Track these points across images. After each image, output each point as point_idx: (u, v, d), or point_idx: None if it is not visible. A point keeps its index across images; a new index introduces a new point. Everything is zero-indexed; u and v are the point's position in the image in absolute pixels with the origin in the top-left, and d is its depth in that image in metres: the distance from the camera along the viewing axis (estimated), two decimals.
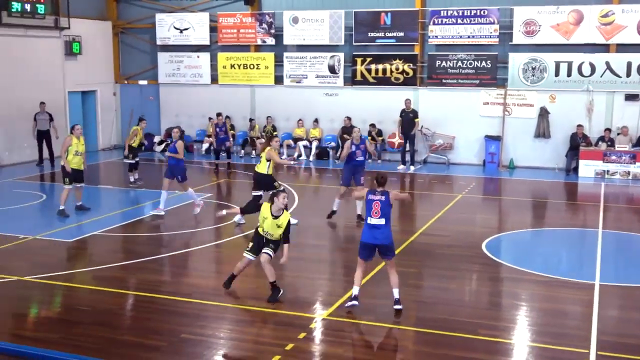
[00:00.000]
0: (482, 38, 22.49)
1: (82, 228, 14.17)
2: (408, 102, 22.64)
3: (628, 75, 21.22)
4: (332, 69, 24.31)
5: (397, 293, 9.55)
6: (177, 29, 26.07)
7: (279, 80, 25.08)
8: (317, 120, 24.64)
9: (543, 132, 22.16)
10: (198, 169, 23.02)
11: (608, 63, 21.36)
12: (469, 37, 22.59)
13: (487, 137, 22.66)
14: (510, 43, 22.27)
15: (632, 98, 21.38)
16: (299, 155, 23.98)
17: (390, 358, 8.43)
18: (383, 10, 23.39)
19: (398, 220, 15.32)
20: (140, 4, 26.85)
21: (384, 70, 23.64)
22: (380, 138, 23.65)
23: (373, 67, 23.76)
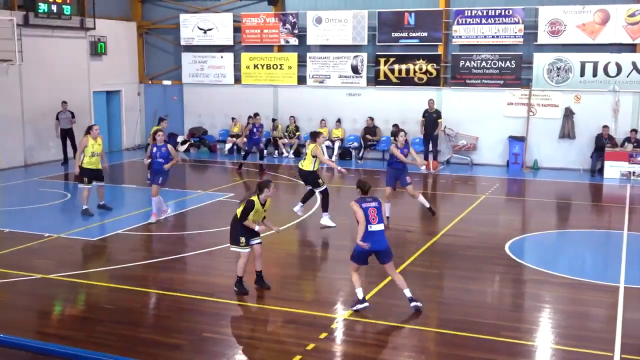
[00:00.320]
0: (506, 38, 22.34)
1: (105, 227, 14.29)
2: (431, 102, 22.57)
3: None
4: (355, 69, 24.28)
5: (409, 292, 9.54)
6: (201, 30, 26.21)
7: (302, 81, 25.12)
8: (339, 121, 24.63)
9: (568, 132, 21.95)
10: (221, 169, 23.12)
11: (635, 63, 21.10)
12: (494, 37, 22.44)
13: (511, 137, 22.49)
14: (535, 43, 22.09)
15: None
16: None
17: (412, 359, 8.39)
18: (407, 10, 23.32)
19: (420, 221, 15.27)
20: (165, 5, 27.05)
21: (407, 71, 23.56)
22: None
23: (396, 67, 23.69)
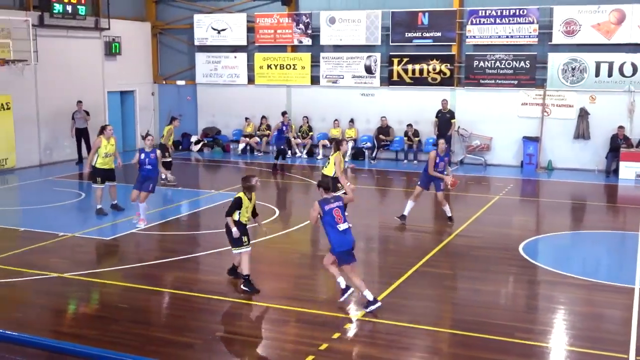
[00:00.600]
0: (521, 38, 22.23)
1: (118, 226, 14.33)
2: (445, 102, 22.52)
3: None
4: (368, 69, 24.25)
5: (370, 294, 9.55)
6: (214, 30, 26.26)
7: (315, 81, 25.12)
8: (352, 121, 24.60)
9: (582, 133, 21.82)
10: (234, 169, 23.15)
11: None
12: (508, 37, 22.33)
13: (525, 138, 22.38)
14: (550, 43, 21.97)
15: None
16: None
17: None
18: (420, 10, 23.25)
19: (434, 222, 15.22)
20: (179, 5, 27.13)
21: (421, 71, 23.50)
22: (417, 139, 23.51)
23: (410, 67, 23.64)
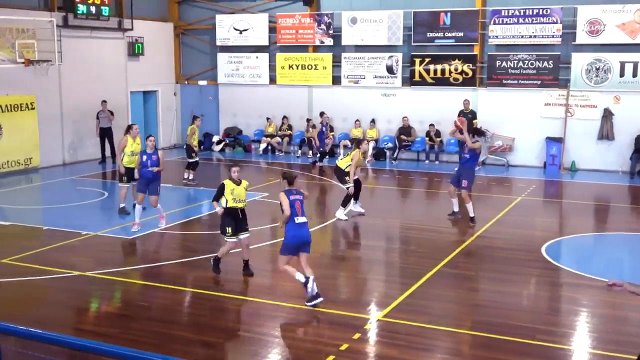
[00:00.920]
0: (544, 38, 22.06)
1: (141, 225, 14.41)
2: (466, 102, 22.42)
3: None
4: (390, 70, 24.20)
5: (315, 285, 9.72)
6: (236, 30, 26.36)
7: (337, 81, 25.12)
8: (374, 121, 24.57)
9: (607, 134, 21.60)
10: (255, 169, 23.22)
11: None
12: (531, 36, 22.18)
13: (548, 138, 22.21)
14: (574, 43, 21.77)
15: None
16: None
17: None
18: (442, 10, 23.16)
19: (456, 223, 15.14)
20: (201, 6, 27.27)
21: (443, 71, 23.41)
22: (439, 139, 23.42)
23: (432, 67, 23.55)
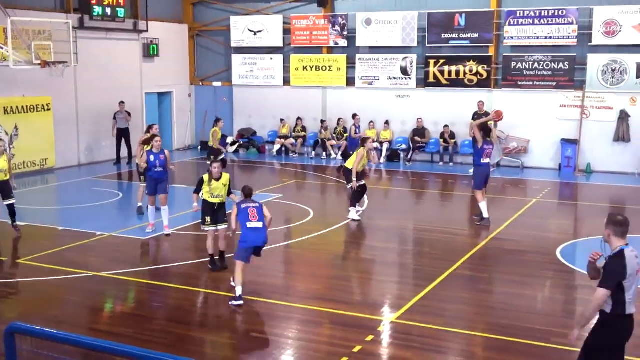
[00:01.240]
0: (559, 39, 21.93)
1: (156, 226, 14.44)
2: (481, 104, 22.32)
3: None
4: (404, 71, 24.16)
5: (240, 290, 9.90)
6: (251, 32, 26.41)
7: (351, 82, 25.10)
8: (388, 122, 24.53)
9: (622, 136, 21.44)
10: (269, 170, 23.25)
11: None
12: (546, 38, 22.06)
13: (563, 140, 22.08)
14: (590, 44, 21.63)
15: None
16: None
17: None
18: (457, 12, 23.09)
19: (469, 225, 15.10)
20: (216, 7, 27.34)
21: (457, 72, 23.33)
22: (453, 141, 23.34)
23: (446, 68, 23.48)
